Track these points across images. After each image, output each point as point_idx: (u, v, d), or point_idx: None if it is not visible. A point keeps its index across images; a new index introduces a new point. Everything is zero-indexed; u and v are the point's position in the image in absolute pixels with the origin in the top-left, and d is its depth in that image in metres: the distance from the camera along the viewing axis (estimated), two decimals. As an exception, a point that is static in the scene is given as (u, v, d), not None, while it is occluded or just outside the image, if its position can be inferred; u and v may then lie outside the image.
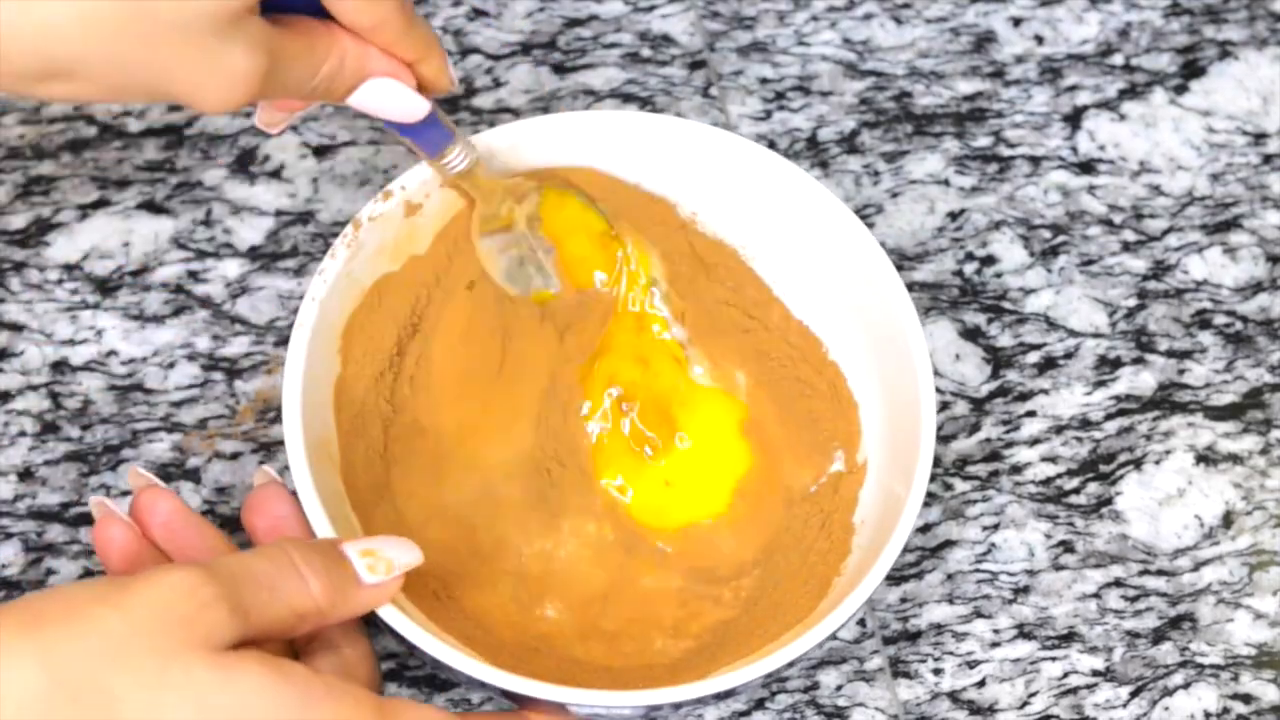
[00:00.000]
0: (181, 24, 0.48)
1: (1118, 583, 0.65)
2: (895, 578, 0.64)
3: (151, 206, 0.68)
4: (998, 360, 0.68)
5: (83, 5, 0.47)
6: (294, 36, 0.53)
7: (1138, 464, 0.67)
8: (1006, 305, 0.70)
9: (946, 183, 0.72)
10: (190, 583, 0.47)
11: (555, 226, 0.62)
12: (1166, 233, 0.71)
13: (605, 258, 0.63)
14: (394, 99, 0.57)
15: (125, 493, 0.63)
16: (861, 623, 0.63)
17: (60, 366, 0.65)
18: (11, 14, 0.46)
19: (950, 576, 0.64)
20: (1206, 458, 0.67)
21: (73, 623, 0.46)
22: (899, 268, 0.69)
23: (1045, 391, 0.68)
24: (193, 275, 0.67)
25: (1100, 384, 0.68)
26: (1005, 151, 0.73)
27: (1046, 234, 0.71)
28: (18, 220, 0.67)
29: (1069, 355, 0.69)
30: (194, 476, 0.64)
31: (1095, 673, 0.63)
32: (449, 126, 0.60)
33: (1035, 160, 0.73)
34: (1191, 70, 0.75)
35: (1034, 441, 0.67)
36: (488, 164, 0.61)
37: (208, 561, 0.49)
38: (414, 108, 0.57)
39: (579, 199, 0.62)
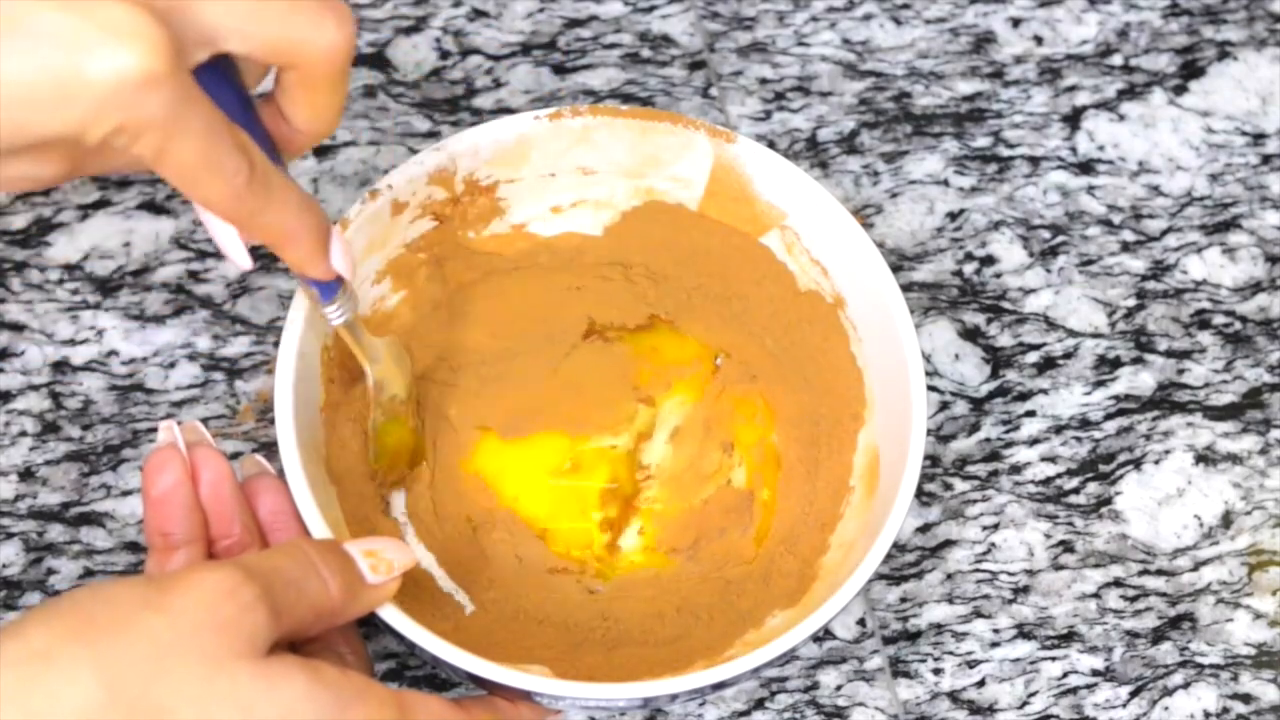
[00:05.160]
0: None
1: (1117, 582, 0.65)
2: (895, 578, 0.64)
3: (152, 206, 0.68)
4: (997, 360, 0.69)
5: None
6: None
7: (1137, 464, 0.67)
8: (1006, 305, 0.70)
9: (946, 183, 0.72)
10: (231, 584, 0.48)
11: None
12: (1165, 233, 0.72)
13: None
14: (222, 236, 0.52)
15: (126, 493, 0.63)
16: (861, 623, 0.64)
17: (61, 366, 0.65)
18: None
19: (950, 576, 0.65)
20: (1206, 458, 0.67)
21: (122, 630, 0.46)
22: (899, 268, 0.70)
23: (1045, 391, 0.68)
24: (193, 275, 0.67)
25: (1100, 384, 0.68)
26: (1004, 152, 0.73)
27: (1046, 234, 0.71)
28: (19, 220, 0.67)
29: (1068, 355, 0.69)
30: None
31: (1095, 672, 0.63)
32: (312, 290, 0.55)
33: (1034, 160, 0.73)
34: (1190, 71, 0.75)
35: (1033, 441, 0.67)
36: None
37: (239, 559, 0.49)
38: (237, 258, 0.52)
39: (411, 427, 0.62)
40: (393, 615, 0.54)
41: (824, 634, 0.63)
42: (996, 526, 0.65)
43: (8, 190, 0.48)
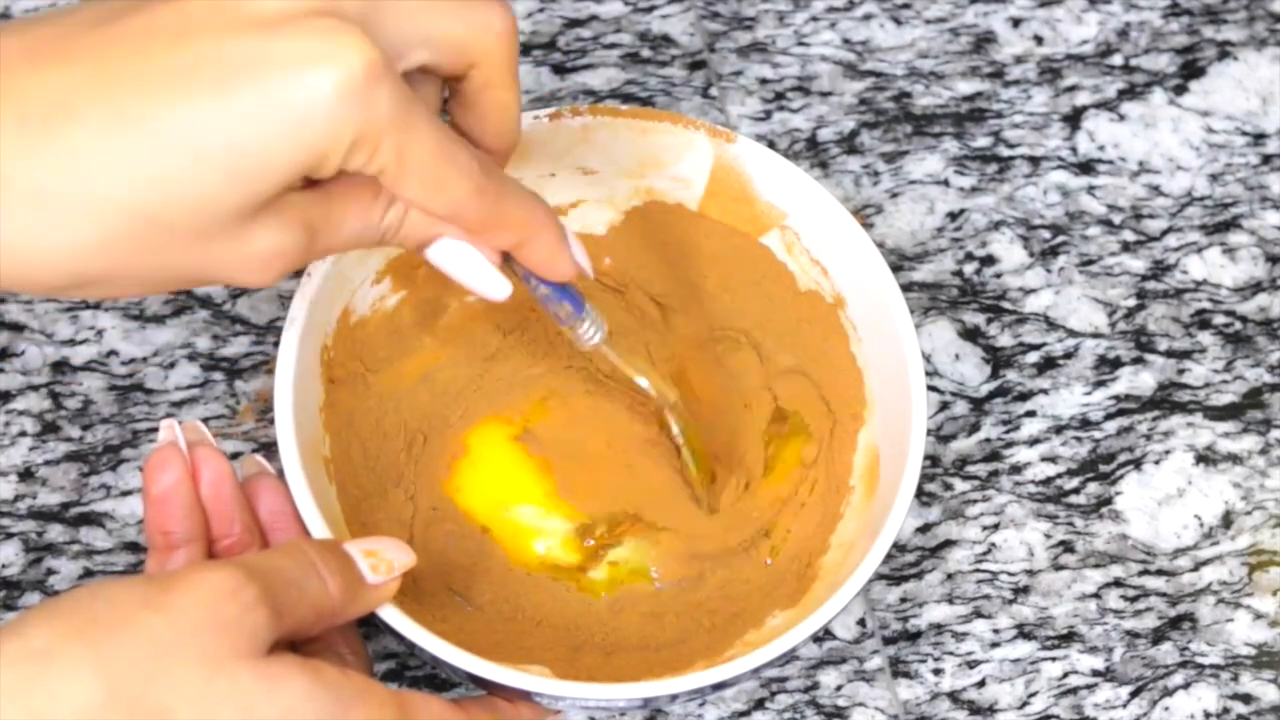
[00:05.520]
0: (199, 231, 0.46)
1: (1117, 583, 0.65)
2: (895, 578, 0.64)
3: (152, 207, 0.68)
4: (997, 360, 0.69)
5: (102, 229, 0.46)
6: (344, 194, 0.49)
7: (1137, 464, 0.67)
8: (1006, 305, 0.70)
9: (946, 183, 0.72)
10: (232, 584, 0.48)
11: None
12: (1166, 233, 0.72)
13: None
14: (470, 269, 0.51)
15: (126, 493, 0.63)
16: (861, 623, 0.63)
17: (61, 366, 0.65)
18: (33, 239, 0.46)
19: (950, 576, 0.65)
20: (1206, 458, 0.67)
21: (123, 629, 0.46)
22: (899, 268, 0.70)
23: (1045, 391, 0.68)
24: (193, 275, 0.67)
25: (1100, 384, 0.68)
26: (1005, 152, 0.73)
27: (1046, 234, 0.71)
28: (18, 220, 0.67)
29: (1069, 355, 0.69)
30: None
31: (1095, 673, 0.63)
32: (566, 307, 0.54)
33: (1035, 160, 0.73)
34: (1191, 71, 0.75)
35: (1034, 441, 0.67)
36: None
37: (240, 559, 0.49)
38: (492, 286, 0.52)
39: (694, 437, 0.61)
40: (393, 615, 0.54)
41: (824, 634, 0.63)
42: (996, 526, 0.65)
43: (260, 280, 0.48)
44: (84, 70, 0.45)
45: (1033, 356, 0.69)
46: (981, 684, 0.63)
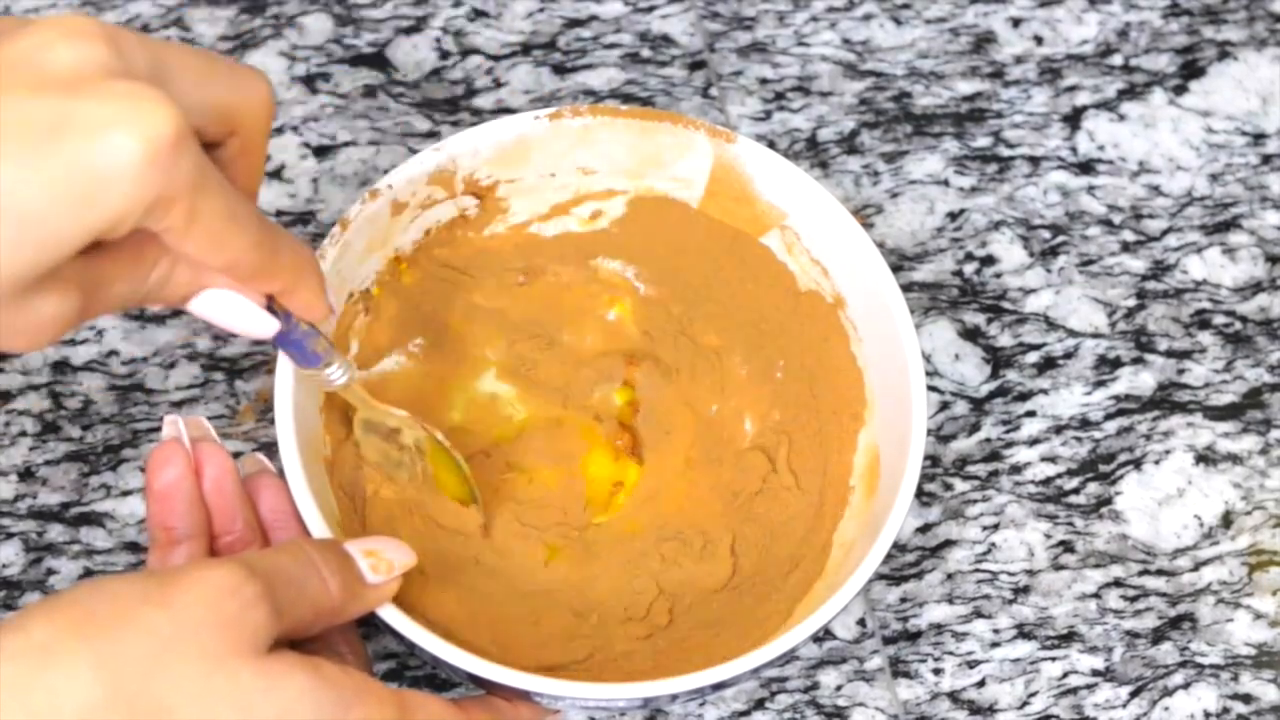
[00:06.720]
0: None
1: (1117, 583, 0.65)
2: (895, 578, 0.64)
3: (152, 207, 0.68)
4: (997, 360, 0.69)
5: None
6: (117, 254, 0.47)
7: (1137, 464, 0.67)
8: (1006, 305, 0.70)
9: (946, 183, 0.72)
10: (233, 581, 0.48)
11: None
12: (1166, 233, 0.72)
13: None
14: (236, 313, 0.51)
15: (126, 493, 0.63)
16: (861, 623, 0.64)
17: (61, 366, 0.65)
18: None
19: (950, 576, 0.65)
20: (1206, 458, 0.67)
21: (123, 625, 0.46)
22: (899, 268, 0.70)
23: (1045, 391, 0.68)
24: (193, 275, 0.67)
25: (1100, 384, 0.68)
26: (1005, 152, 0.73)
27: (1046, 234, 0.71)
28: (18, 220, 0.67)
29: (1069, 355, 0.69)
30: (194, 476, 0.64)
31: (1095, 673, 0.63)
32: (323, 342, 0.54)
33: (1035, 160, 0.73)
34: (1191, 71, 0.75)
35: (1034, 441, 0.67)
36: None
37: (241, 556, 0.50)
38: (260, 325, 0.51)
39: (455, 462, 0.61)
40: (393, 615, 0.54)
41: (824, 634, 0.63)
42: (996, 526, 0.65)
43: (30, 347, 0.46)
44: None
45: (1033, 356, 0.69)
46: (981, 684, 0.63)
